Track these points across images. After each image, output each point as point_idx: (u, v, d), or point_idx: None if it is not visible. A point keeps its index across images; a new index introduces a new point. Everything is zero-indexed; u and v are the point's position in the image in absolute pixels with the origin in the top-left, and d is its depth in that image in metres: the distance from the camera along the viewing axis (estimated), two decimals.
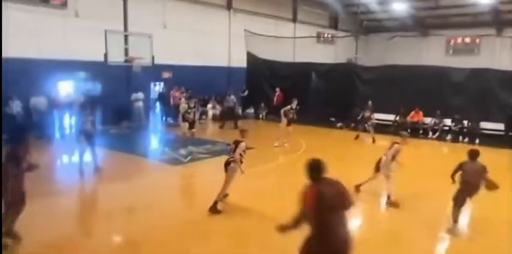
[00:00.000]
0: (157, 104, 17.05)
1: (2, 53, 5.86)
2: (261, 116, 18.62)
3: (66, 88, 14.16)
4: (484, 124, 13.84)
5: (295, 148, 11.63)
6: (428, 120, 14.63)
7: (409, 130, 14.60)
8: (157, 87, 17.36)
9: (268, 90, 18.91)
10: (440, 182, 8.48)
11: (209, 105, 18.09)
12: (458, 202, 5.91)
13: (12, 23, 12.11)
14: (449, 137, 14.06)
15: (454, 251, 5.62)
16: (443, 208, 6.75)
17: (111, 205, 6.90)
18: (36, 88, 12.58)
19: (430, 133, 14.42)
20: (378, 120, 15.69)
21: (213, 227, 5.98)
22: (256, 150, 10.75)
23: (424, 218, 6.52)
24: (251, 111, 19.15)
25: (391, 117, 15.28)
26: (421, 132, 14.61)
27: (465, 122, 13.94)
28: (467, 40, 25.05)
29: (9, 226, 4.94)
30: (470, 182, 5.83)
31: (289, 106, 12.32)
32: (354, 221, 6.70)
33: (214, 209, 6.37)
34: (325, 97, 16.71)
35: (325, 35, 26.28)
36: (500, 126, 13.59)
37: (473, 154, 5.90)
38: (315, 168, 3.47)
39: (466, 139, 13.71)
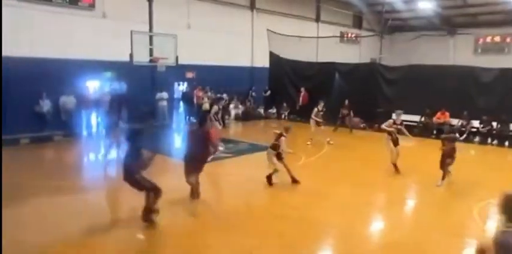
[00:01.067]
0: (181, 104, 17.27)
1: (1, 53, 6.02)
2: (283, 116, 18.58)
3: (93, 87, 14.54)
4: None
5: (319, 149, 11.56)
6: (455, 122, 14.24)
7: (435, 132, 14.37)
8: (180, 87, 17.58)
9: (290, 90, 18.85)
10: (465, 185, 8.32)
11: (231, 105, 18.20)
12: None
13: (42, 24, 12.55)
14: (477, 139, 13.66)
15: None
16: (469, 213, 6.60)
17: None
18: (65, 88, 12.98)
19: (457, 135, 14.03)
20: (402, 121, 15.45)
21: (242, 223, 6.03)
22: None
23: (449, 223, 6.37)
24: (273, 111, 19.14)
25: (416, 118, 14.97)
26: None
27: (494, 124, 13.51)
28: (497, 39, 24.31)
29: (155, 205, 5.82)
30: None
31: (315, 109, 12.27)
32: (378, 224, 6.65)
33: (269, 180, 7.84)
34: (348, 97, 16.52)
35: (349, 35, 25.99)
36: None
37: None
38: None
39: (495, 142, 13.30)
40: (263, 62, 19.45)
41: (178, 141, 13.99)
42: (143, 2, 14.24)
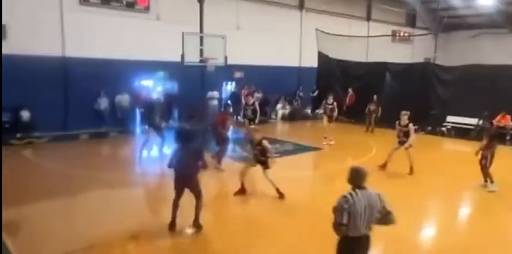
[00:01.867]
0: (229, 103, 17.52)
1: (1, 53, 6.39)
2: None
3: (147, 86, 15.15)
4: None
5: (364, 153, 11.29)
6: None
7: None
8: (229, 86, 17.86)
9: (339, 91, 18.53)
10: None
11: (279, 105, 18.22)
12: None
13: (101, 27, 13.27)
14: None
15: None
16: None
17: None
18: (121, 87, 13.65)
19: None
20: (458, 123, 14.73)
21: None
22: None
23: (499, 228, 6.02)
24: (321, 111, 18.88)
25: (473, 121, 14.18)
26: (508, 138, 13.36)
27: None
28: None
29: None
30: None
31: (324, 102, 12.61)
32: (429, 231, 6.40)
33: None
34: (400, 98, 15.95)
35: (401, 34, 25.08)
36: None
37: None
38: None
39: None
40: (311, 61, 19.28)
41: None
42: (194, 3, 14.59)
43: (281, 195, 7.05)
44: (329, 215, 3.45)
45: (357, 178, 3.39)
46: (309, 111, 19.10)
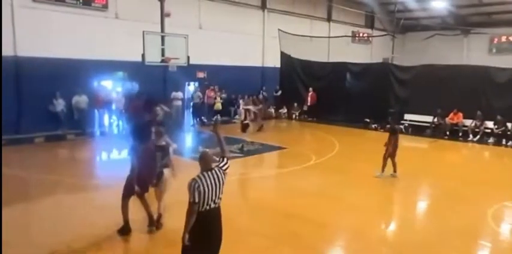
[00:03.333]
0: (192, 103, 17.31)
1: (1, 53, 6.16)
2: (294, 116, 18.54)
3: (106, 87, 14.69)
4: None
5: (329, 150, 11.51)
6: (468, 122, 14.04)
7: (448, 133, 14.18)
8: (191, 87, 17.65)
9: (302, 90, 18.80)
10: (478, 188, 8.21)
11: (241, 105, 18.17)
12: None
13: (55, 25, 12.73)
14: (491, 140, 13.43)
15: None
16: (483, 215, 6.51)
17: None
18: (78, 88, 13.12)
19: (471, 136, 13.85)
20: (414, 121, 15.31)
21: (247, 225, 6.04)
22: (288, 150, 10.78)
23: (463, 225, 6.29)
24: (284, 111, 19.09)
25: (429, 118, 14.80)
26: (460, 134, 14.06)
27: (509, 124, 13.28)
28: None
29: None
30: None
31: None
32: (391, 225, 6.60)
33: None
34: (359, 97, 16.42)
35: (361, 35, 25.79)
36: None
37: None
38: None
39: (510, 143, 13.08)
40: (274, 61, 19.43)
41: (189, 140, 14.08)
42: (155, 2, 14.28)
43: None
44: (296, 214, 3.47)
45: (204, 163, 3.87)
46: (272, 110, 19.22)
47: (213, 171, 3.85)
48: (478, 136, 13.69)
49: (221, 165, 3.95)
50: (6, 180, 7.99)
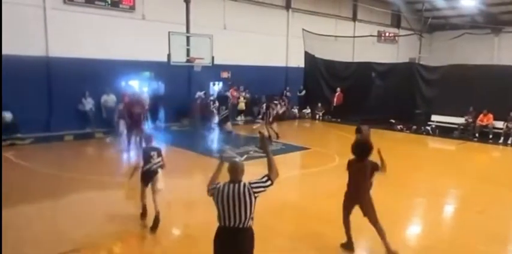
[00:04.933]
0: (216, 103, 17.45)
1: (1, 53, 6.35)
2: (317, 116, 18.42)
3: (133, 87, 14.98)
4: None
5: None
6: (499, 124, 13.59)
7: (477, 135, 13.77)
8: (215, 87, 17.80)
9: (326, 90, 18.67)
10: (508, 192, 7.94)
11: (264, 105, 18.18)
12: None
13: (85, 26, 13.11)
14: None
15: None
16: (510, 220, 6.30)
17: (171, 199, 7.18)
18: (106, 87, 13.47)
19: (502, 139, 13.39)
20: (442, 122, 14.96)
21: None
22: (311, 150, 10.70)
23: (491, 229, 6.10)
24: (308, 111, 19.00)
25: (457, 120, 14.42)
26: (490, 136, 13.63)
27: None
28: None
29: None
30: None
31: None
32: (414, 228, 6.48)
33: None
34: (385, 98, 16.16)
35: (387, 34, 25.37)
36: None
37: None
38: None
39: None
40: (298, 61, 19.38)
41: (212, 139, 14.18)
42: (181, 3, 14.50)
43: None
44: (320, 215, 3.46)
45: (230, 173, 3.50)
46: (296, 111, 19.17)
47: (236, 186, 3.40)
48: (511, 139, 13.22)
49: (254, 183, 3.47)
50: (35, 176, 8.35)
